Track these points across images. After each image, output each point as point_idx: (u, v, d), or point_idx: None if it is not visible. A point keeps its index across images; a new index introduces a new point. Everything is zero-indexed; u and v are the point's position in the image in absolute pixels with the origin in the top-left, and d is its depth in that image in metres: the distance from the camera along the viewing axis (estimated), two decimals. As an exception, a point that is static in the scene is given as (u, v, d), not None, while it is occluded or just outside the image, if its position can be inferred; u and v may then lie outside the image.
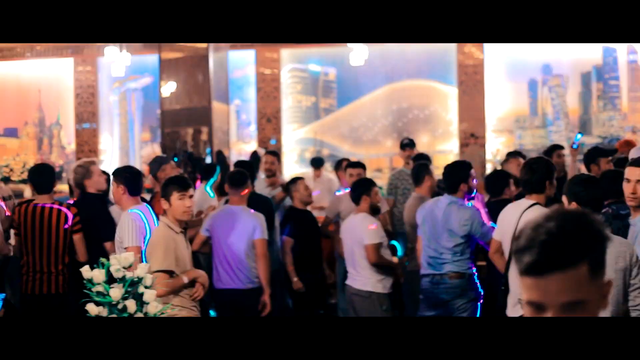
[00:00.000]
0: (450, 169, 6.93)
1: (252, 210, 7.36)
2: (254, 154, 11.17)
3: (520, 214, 5.70)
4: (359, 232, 7.16)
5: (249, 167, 8.84)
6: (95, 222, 6.95)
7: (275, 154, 10.25)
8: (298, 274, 8.00)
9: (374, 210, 7.33)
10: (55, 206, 6.91)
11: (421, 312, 6.87)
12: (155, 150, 14.71)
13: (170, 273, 5.56)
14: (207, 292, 6.35)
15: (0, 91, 17.28)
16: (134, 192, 6.41)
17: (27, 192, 11.04)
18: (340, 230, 7.71)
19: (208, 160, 12.60)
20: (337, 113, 15.43)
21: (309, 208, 8.78)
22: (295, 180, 8.58)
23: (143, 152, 16.31)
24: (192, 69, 12.89)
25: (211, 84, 12.74)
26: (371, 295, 7.08)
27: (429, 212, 6.89)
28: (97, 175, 7.26)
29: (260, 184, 9.64)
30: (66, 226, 6.86)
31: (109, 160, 16.18)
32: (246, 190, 7.44)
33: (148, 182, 8.89)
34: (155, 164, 7.88)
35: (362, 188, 7.30)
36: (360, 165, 9.06)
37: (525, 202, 5.88)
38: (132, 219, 6.04)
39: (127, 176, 6.48)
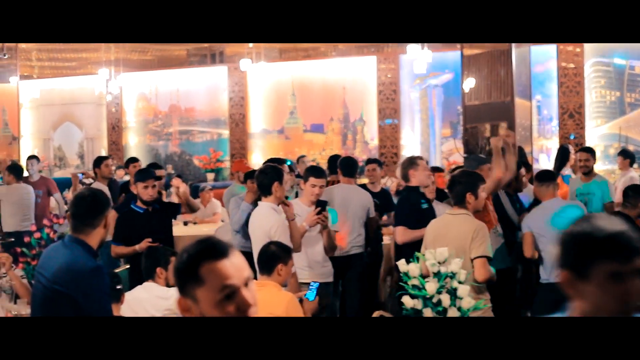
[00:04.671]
0: None
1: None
2: (561, 149, 10.90)
3: None
4: None
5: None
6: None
7: (590, 150, 9.78)
8: None
9: None
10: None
11: None
12: (457, 145, 14.82)
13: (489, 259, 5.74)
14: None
15: (308, 89, 18.15)
16: None
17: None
18: None
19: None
20: (644, 108, 14.77)
21: None
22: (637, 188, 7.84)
23: (443, 147, 16.50)
24: (493, 65, 12.80)
25: (513, 79, 12.61)
26: None
27: None
28: (422, 168, 7.52)
29: (575, 183, 9.44)
30: None
31: (410, 155, 16.49)
32: (558, 188, 7.52)
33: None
34: (474, 162, 8.00)
35: None
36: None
37: None
38: None
39: None
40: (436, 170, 9.50)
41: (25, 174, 11.63)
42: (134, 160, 11.43)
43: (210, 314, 2.46)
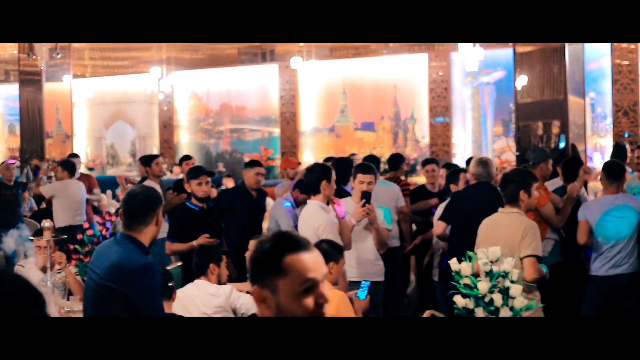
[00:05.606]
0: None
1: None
2: (617, 147, 10.73)
3: None
4: None
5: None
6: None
7: None
8: None
9: None
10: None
11: None
12: (509, 144, 14.70)
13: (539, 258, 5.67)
14: None
15: (358, 87, 18.12)
16: None
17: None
18: None
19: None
20: (699, 106, 14.48)
21: None
22: None
23: (495, 145, 16.37)
24: (546, 62, 12.66)
25: (566, 77, 12.46)
26: None
27: None
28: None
29: (632, 181, 9.30)
30: None
31: (462, 154, 16.40)
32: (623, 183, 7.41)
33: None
34: (540, 155, 7.94)
35: None
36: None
37: None
38: None
39: None
40: None
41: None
42: (187, 158, 11.50)
43: (287, 306, 2.47)
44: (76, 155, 13.36)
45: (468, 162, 9.41)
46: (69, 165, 11.01)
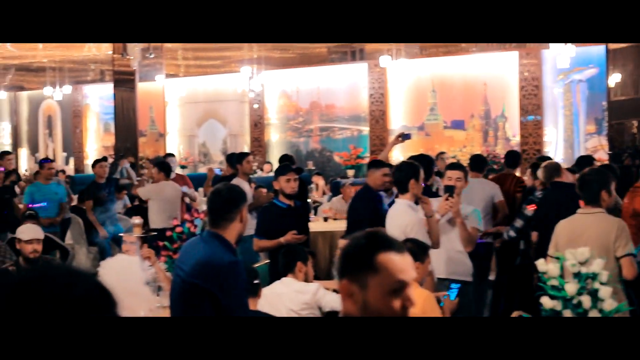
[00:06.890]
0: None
1: None
2: None
3: None
4: None
5: None
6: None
7: None
8: None
9: None
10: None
11: None
12: (602, 142, 14.41)
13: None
14: None
15: (448, 85, 17.99)
16: None
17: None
18: None
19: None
20: None
21: None
22: None
23: (588, 144, 16.04)
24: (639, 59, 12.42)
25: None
26: None
27: None
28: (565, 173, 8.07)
29: None
30: None
31: (554, 152, 16.14)
32: None
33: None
34: None
35: None
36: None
37: None
38: None
39: None
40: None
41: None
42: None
43: (374, 303, 2.51)
44: (172, 155, 13.51)
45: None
46: (165, 166, 10.92)
